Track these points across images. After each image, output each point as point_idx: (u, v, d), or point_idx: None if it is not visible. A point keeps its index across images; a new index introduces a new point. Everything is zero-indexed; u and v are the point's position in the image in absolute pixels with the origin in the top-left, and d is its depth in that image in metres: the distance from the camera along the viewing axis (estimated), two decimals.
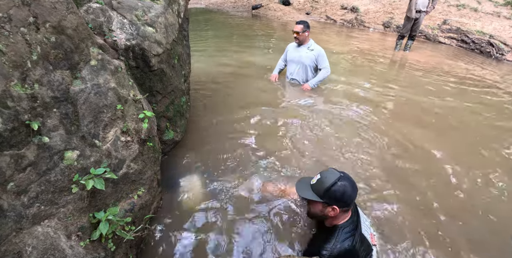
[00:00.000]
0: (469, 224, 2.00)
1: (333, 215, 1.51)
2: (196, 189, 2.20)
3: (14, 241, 1.06)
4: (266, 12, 10.93)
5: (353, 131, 3.03)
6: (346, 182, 1.48)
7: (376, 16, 9.14)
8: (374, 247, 1.56)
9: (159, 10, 2.02)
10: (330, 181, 1.48)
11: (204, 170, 2.38)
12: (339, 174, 1.51)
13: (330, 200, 1.48)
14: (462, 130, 3.22)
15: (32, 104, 1.11)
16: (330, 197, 1.47)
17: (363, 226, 1.58)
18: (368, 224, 1.64)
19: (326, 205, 1.50)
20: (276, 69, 4.24)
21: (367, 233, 1.57)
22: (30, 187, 1.11)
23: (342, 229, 1.51)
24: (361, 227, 1.56)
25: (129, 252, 1.59)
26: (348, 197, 1.47)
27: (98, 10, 1.64)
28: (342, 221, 1.55)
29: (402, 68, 5.48)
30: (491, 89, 4.50)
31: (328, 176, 1.51)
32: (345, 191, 1.45)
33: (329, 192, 1.47)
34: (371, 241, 1.55)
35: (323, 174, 1.54)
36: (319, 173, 1.58)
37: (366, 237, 1.53)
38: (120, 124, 1.53)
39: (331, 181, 1.48)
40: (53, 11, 1.20)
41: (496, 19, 7.61)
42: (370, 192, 2.21)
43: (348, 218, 1.56)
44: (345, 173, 1.55)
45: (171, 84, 2.17)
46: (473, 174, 2.48)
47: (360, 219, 1.60)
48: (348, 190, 1.46)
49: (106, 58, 1.50)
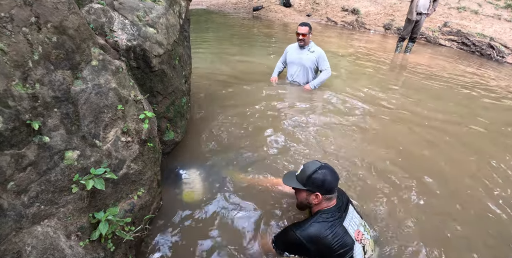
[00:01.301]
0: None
1: (316, 202, 1.63)
2: (197, 189, 2.20)
3: (14, 240, 1.06)
4: (267, 14, 10.96)
5: (351, 133, 3.03)
6: (326, 170, 1.62)
7: (377, 18, 9.16)
8: (358, 243, 1.58)
9: (160, 11, 2.03)
10: (311, 170, 1.62)
11: (204, 170, 2.39)
12: (320, 164, 1.65)
13: (313, 187, 1.60)
14: (461, 134, 3.22)
15: (33, 104, 1.11)
16: (312, 184, 1.60)
17: (348, 220, 1.63)
18: (358, 222, 1.68)
19: (310, 193, 1.63)
20: (275, 71, 4.23)
21: (352, 228, 1.61)
22: (30, 186, 1.12)
23: (321, 214, 1.61)
24: (345, 220, 1.62)
25: (128, 252, 1.59)
26: (328, 183, 1.59)
27: (99, 10, 1.64)
28: (325, 208, 1.64)
29: (403, 71, 5.48)
30: (492, 92, 4.51)
31: (310, 166, 1.66)
32: (325, 178, 1.59)
33: (311, 179, 1.60)
34: (354, 237, 1.59)
35: (306, 164, 1.69)
36: (302, 165, 1.72)
37: (347, 230, 1.58)
38: (121, 124, 1.53)
39: (312, 169, 1.62)
40: (55, 11, 1.21)
41: (497, 21, 7.62)
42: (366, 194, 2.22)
43: (332, 206, 1.64)
44: (326, 164, 1.68)
45: (171, 85, 2.18)
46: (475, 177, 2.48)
47: (347, 213, 1.66)
48: (328, 177, 1.59)
49: (107, 58, 1.50)
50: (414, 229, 1.94)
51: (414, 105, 3.78)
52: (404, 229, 1.94)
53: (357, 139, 2.91)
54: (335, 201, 1.66)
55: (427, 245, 1.83)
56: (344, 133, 3.02)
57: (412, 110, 3.64)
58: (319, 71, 3.92)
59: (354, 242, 1.56)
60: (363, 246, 1.60)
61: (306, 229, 1.55)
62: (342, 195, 1.77)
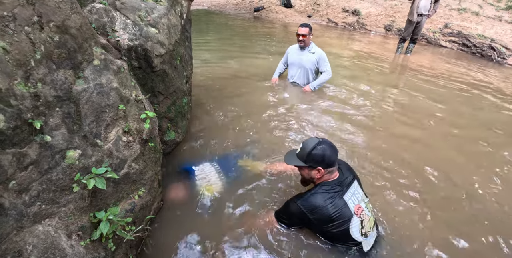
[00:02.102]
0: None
1: (319, 177, 1.69)
2: (214, 182, 2.22)
3: (15, 239, 1.06)
4: (268, 14, 10.97)
5: (349, 135, 3.04)
6: (324, 145, 1.65)
7: (378, 19, 9.17)
8: (356, 217, 1.64)
9: (162, 11, 2.03)
10: (310, 146, 1.66)
11: (218, 163, 2.41)
12: (318, 140, 1.68)
13: (314, 162, 1.65)
14: (460, 135, 3.22)
15: (35, 103, 1.11)
16: (312, 159, 1.65)
17: (349, 195, 1.69)
18: (360, 198, 1.72)
19: (312, 168, 1.68)
20: (276, 72, 4.23)
21: (352, 202, 1.67)
22: (31, 185, 1.11)
23: (321, 186, 1.68)
24: (346, 193, 1.68)
25: (129, 252, 1.58)
26: (328, 157, 1.63)
27: (101, 10, 1.65)
28: (327, 180, 1.71)
29: (403, 72, 5.48)
30: (492, 94, 4.51)
31: (308, 142, 1.69)
32: (324, 153, 1.63)
33: (311, 155, 1.64)
34: (354, 210, 1.65)
35: (305, 142, 1.73)
36: (302, 142, 1.76)
37: (347, 203, 1.65)
38: (122, 124, 1.53)
39: (311, 146, 1.66)
40: (57, 10, 1.21)
41: (498, 23, 7.62)
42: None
43: (333, 179, 1.70)
44: (324, 139, 1.71)
45: (173, 85, 2.18)
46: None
47: (350, 188, 1.71)
48: (327, 152, 1.63)
49: (109, 58, 1.50)
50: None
51: (414, 106, 3.78)
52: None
53: (359, 140, 2.92)
54: (337, 174, 1.72)
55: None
56: (342, 135, 3.02)
57: (413, 110, 3.64)
58: (319, 73, 3.92)
59: (353, 215, 1.63)
60: (361, 221, 1.66)
61: (306, 198, 1.64)
62: (349, 171, 1.81)
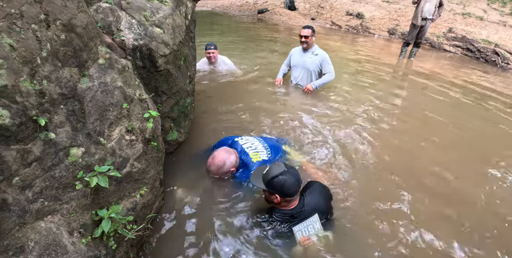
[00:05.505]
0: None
1: (276, 202, 1.75)
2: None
3: (17, 235, 1.06)
4: (271, 17, 11.01)
5: (348, 138, 3.03)
6: (287, 176, 1.68)
7: (382, 23, 9.17)
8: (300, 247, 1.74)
9: (167, 12, 2.05)
10: (273, 174, 1.70)
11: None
12: (283, 169, 1.71)
13: (273, 189, 1.71)
14: (460, 139, 3.21)
15: (40, 100, 1.12)
16: (272, 186, 1.70)
17: (301, 227, 1.76)
18: (313, 232, 1.77)
19: (270, 193, 1.74)
20: (280, 73, 4.25)
21: (301, 233, 1.75)
22: (35, 182, 1.12)
23: (275, 212, 1.79)
24: (298, 225, 1.76)
25: (130, 251, 1.58)
26: (287, 189, 1.68)
27: (107, 9, 1.66)
28: (283, 208, 1.79)
29: (407, 76, 5.48)
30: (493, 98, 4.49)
31: (273, 169, 1.73)
32: (283, 184, 1.67)
33: (271, 182, 1.70)
34: (299, 240, 1.74)
35: (271, 166, 1.76)
36: (269, 165, 1.80)
37: (295, 234, 1.75)
38: (125, 123, 1.54)
39: (274, 174, 1.69)
40: (64, 9, 1.22)
41: (502, 28, 7.61)
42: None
43: (291, 208, 1.78)
44: (291, 168, 1.74)
45: (176, 85, 2.19)
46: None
47: (304, 222, 1.77)
48: (287, 183, 1.67)
49: (113, 57, 1.51)
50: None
51: (415, 107, 3.78)
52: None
53: (361, 141, 2.91)
54: (295, 203, 1.79)
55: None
56: (342, 136, 3.02)
57: (416, 115, 3.63)
58: (323, 74, 3.92)
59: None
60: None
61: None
62: (316, 203, 1.82)
